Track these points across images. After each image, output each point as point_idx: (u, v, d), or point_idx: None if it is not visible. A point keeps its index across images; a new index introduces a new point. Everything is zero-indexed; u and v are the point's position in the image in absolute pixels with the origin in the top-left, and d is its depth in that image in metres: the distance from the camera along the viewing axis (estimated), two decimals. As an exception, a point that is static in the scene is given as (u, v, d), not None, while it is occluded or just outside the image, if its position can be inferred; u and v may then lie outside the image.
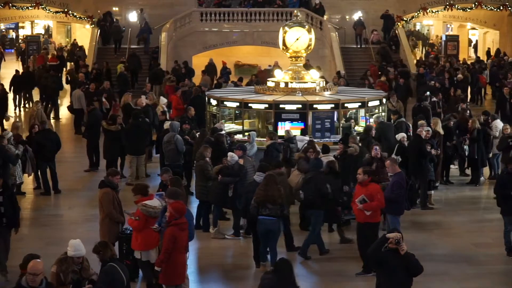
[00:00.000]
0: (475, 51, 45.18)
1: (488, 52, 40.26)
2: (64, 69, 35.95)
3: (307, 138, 17.99)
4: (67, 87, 31.20)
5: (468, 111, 21.41)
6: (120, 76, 30.88)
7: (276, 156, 16.27)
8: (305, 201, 13.89)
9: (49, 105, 28.93)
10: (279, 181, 13.33)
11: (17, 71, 31.52)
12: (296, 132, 18.77)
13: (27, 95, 30.98)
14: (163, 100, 22.57)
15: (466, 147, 19.20)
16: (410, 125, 20.11)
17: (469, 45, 47.08)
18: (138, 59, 34.21)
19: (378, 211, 12.87)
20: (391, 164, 13.65)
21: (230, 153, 15.27)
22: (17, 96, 30.38)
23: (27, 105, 30.87)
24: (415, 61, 35.53)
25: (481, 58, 39.22)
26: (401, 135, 17.48)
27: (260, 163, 14.65)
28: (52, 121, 28.32)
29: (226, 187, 14.93)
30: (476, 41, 46.64)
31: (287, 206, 13.28)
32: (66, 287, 9.77)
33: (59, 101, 29.80)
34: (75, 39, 43.76)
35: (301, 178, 14.72)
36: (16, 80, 30.28)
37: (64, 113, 29.34)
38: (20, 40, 48.27)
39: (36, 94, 31.36)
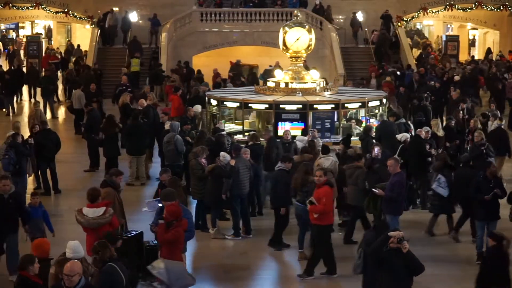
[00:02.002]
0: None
1: None
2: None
3: (305, 138, 17.94)
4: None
5: (463, 112, 21.41)
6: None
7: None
8: (370, 192, 14.19)
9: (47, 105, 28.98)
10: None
11: (6, 73, 31.49)
12: (297, 132, 18.79)
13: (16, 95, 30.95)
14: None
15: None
16: (411, 125, 20.12)
17: (473, 45, 46.96)
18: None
19: (329, 214, 12.87)
20: (393, 164, 13.67)
21: (222, 153, 15.26)
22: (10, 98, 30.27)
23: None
24: (414, 62, 35.52)
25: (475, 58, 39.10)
26: (404, 136, 17.46)
27: (283, 154, 15.20)
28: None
29: (220, 188, 14.93)
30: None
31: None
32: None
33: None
34: (68, 40, 43.79)
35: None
36: (7, 82, 30.22)
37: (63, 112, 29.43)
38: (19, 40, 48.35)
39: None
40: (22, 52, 42.15)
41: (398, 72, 31.15)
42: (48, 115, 28.34)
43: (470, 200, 14.12)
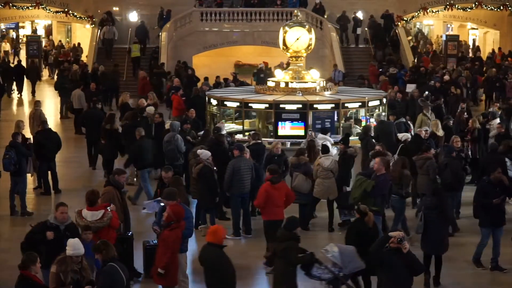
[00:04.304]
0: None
1: None
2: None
3: (326, 136, 17.79)
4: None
5: (466, 112, 21.41)
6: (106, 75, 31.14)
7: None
8: (443, 185, 14.78)
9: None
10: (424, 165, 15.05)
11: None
12: (297, 132, 18.80)
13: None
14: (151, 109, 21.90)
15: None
16: (411, 125, 20.12)
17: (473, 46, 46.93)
18: None
19: (271, 209, 13.15)
20: (379, 163, 13.71)
21: (199, 150, 15.16)
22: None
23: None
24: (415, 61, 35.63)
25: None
26: (405, 136, 17.49)
27: (372, 152, 15.62)
28: None
29: (211, 189, 14.89)
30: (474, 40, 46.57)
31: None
32: (67, 287, 9.76)
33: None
34: (60, 40, 43.88)
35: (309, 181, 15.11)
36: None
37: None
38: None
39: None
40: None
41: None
42: (49, 116, 28.39)
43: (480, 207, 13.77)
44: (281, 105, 19.30)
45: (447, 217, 12.69)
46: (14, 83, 33.63)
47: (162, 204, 12.08)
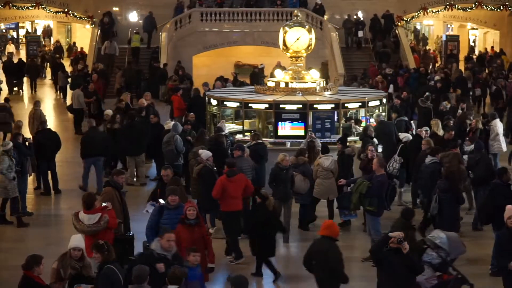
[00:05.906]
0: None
1: None
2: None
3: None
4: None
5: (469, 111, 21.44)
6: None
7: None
8: (475, 179, 15.46)
9: None
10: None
11: None
12: (297, 132, 18.81)
13: None
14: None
15: (469, 148, 19.03)
16: (413, 125, 20.12)
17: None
18: None
19: (225, 200, 13.63)
20: (377, 164, 13.71)
21: (200, 150, 15.16)
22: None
23: None
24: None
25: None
26: (406, 137, 17.48)
27: (433, 147, 15.70)
28: None
29: (211, 189, 14.86)
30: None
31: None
32: (65, 283, 9.79)
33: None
34: (58, 41, 43.92)
35: (307, 182, 15.08)
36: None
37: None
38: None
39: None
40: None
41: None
42: (48, 116, 28.36)
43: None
44: (281, 105, 19.29)
45: (458, 199, 13.97)
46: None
47: (162, 202, 12.08)
